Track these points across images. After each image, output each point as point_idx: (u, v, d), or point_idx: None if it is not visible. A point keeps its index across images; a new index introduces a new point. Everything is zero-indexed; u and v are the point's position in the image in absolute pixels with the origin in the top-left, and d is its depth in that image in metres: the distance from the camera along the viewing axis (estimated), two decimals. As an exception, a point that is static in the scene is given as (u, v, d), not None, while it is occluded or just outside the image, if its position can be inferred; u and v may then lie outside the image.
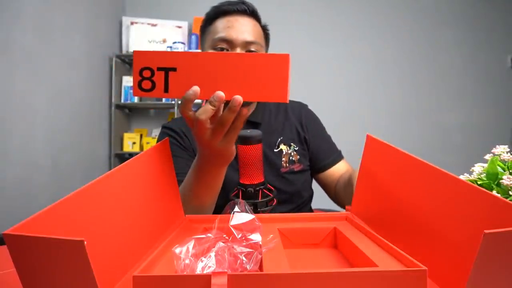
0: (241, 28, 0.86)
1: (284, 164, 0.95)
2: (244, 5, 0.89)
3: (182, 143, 0.93)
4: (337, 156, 1.02)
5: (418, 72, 3.03)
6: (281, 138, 0.97)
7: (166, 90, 0.50)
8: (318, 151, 1.00)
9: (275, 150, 0.95)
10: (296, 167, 0.96)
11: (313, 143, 1.00)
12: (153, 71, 0.49)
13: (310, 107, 1.08)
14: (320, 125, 1.05)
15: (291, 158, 0.96)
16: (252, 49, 0.87)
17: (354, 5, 3.05)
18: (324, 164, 1.00)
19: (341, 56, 3.04)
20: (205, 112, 0.51)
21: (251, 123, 0.96)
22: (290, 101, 1.04)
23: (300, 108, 1.04)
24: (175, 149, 0.91)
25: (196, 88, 0.49)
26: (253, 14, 0.90)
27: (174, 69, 0.49)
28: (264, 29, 0.95)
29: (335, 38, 3.04)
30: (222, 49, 0.87)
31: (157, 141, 0.98)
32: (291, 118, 1.01)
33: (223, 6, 0.89)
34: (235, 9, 0.88)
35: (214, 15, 0.90)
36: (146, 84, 0.50)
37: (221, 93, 0.49)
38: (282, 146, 0.96)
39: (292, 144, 0.97)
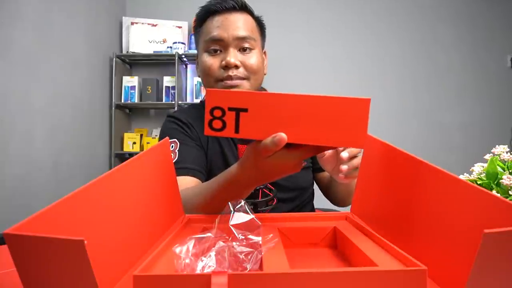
0: (231, 25, 0.85)
1: None
2: (231, 0, 0.86)
3: (189, 133, 0.92)
4: None
5: (417, 72, 3.03)
6: None
7: (236, 130, 0.48)
8: None
9: None
10: None
11: None
12: (224, 111, 0.48)
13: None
14: None
15: None
16: (246, 45, 0.86)
17: (352, 4, 3.05)
18: (316, 167, 0.98)
19: (340, 55, 3.03)
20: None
21: None
22: None
23: None
24: (182, 138, 0.90)
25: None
26: (242, 8, 0.88)
27: (246, 110, 0.47)
28: (258, 21, 0.93)
29: (333, 37, 3.04)
30: (215, 51, 0.86)
31: (162, 130, 0.97)
32: None
33: (211, 5, 0.87)
34: (223, 7, 0.86)
35: (204, 15, 0.89)
36: (217, 124, 0.48)
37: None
38: None
39: None
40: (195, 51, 2.82)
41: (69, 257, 0.27)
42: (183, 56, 2.80)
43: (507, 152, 0.50)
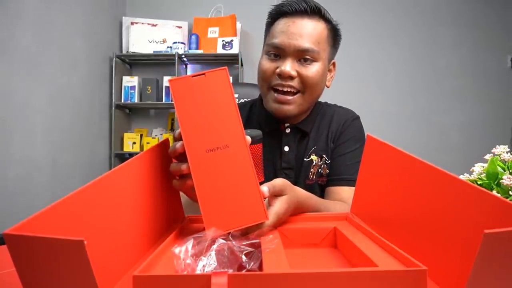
0: (296, 33, 0.80)
1: (311, 176, 0.90)
2: (305, 3, 0.81)
3: None
4: (342, 181, 0.89)
5: (417, 72, 3.03)
6: (315, 147, 0.91)
7: None
8: (331, 164, 0.92)
9: (305, 159, 0.91)
10: (321, 180, 0.91)
11: (334, 153, 0.93)
12: None
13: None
14: (353, 142, 0.93)
15: (319, 170, 0.91)
16: (307, 57, 0.81)
17: (351, 5, 3.05)
18: (327, 179, 0.92)
19: (338, 56, 3.03)
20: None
21: (299, 130, 0.92)
22: (342, 107, 0.99)
23: (346, 116, 0.96)
24: None
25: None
26: (315, 13, 0.82)
27: None
28: (333, 29, 0.87)
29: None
30: (275, 55, 0.83)
31: None
32: (332, 127, 0.94)
33: (283, 6, 0.83)
34: (293, 9, 0.81)
35: (275, 15, 0.85)
36: None
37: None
38: (313, 157, 0.91)
39: (324, 156, 0.92)
40: (194, 51, 2.84)
41: (69, 257, 0.27)
42: (183, 56, 2.80)
43: (507, 152, 0.50)
